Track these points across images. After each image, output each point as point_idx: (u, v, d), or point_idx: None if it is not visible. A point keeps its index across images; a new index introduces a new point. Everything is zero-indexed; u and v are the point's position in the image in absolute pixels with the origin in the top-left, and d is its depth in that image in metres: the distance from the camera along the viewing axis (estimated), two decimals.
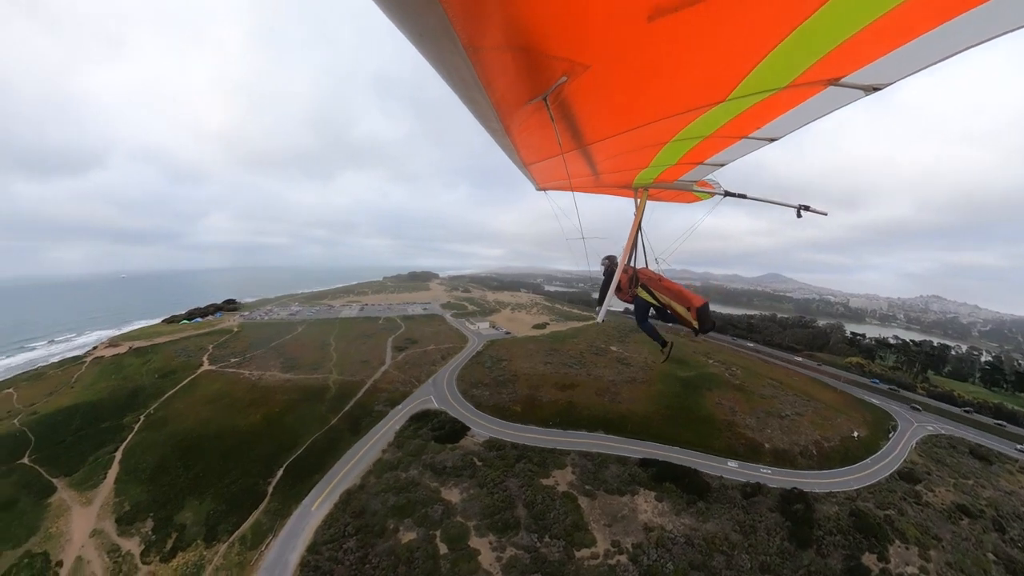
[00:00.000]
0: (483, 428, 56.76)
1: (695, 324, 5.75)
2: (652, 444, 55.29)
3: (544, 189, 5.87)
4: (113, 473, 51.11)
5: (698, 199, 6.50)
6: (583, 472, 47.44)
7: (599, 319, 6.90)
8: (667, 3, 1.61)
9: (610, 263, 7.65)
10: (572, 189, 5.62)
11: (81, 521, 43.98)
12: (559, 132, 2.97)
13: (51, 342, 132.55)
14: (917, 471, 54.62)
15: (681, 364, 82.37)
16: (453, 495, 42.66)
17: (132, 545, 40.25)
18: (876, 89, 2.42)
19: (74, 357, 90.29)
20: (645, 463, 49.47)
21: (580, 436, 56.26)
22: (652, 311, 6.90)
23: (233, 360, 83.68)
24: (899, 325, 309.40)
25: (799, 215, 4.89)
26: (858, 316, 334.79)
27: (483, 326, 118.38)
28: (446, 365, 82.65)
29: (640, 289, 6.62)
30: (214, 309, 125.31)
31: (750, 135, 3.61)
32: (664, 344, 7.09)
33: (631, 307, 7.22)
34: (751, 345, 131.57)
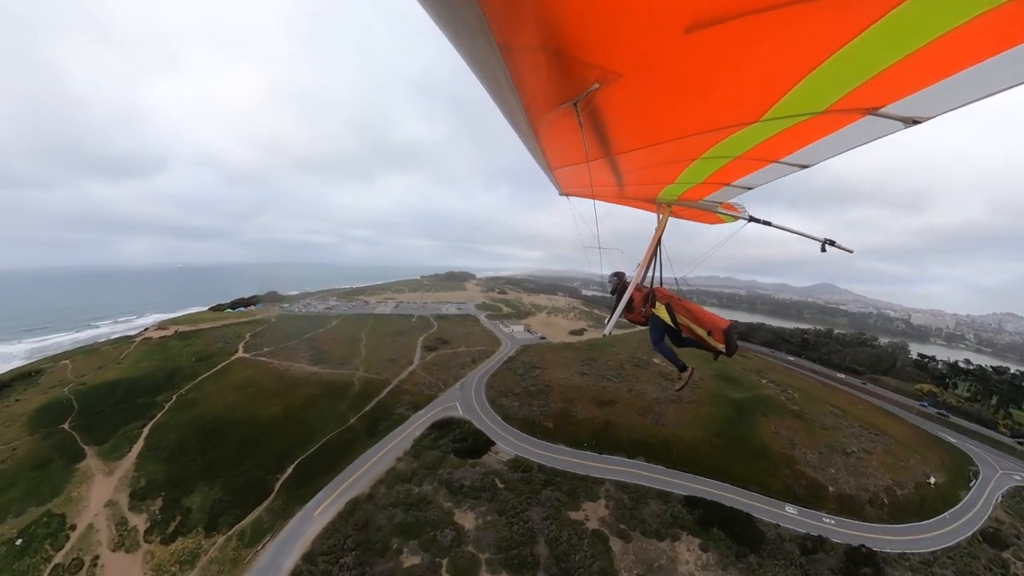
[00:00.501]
0: (509, 444, 52.32)
1: (720, 347, 5.68)
2: (699, 478, 48.81)
3: (567, 195, 5.84)
4: (137, 448, 52.68)
5: (722, 221, 6.34)
6: (618, 507, 41.66)
7: (605, 332, 6.41)
8: (706, 16, 1.61)
9: (619, 280, 7.48)
10: (594, 197, 5.51)
11: (100, 489, 45.67)
12: (586, 139, 2.94)
13: (115, 322, 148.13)
14: (1004, 533, 45.39)
15: (732, 383, 74.49)
16: (467, 519, 38.51)
17: (139, 521, 40.90)
18: (917, 122, 2.35)
19: (126, 336, 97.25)
20: (690, 502, 43.31)
21: (617, 462, 50.32)
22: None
23: (266, 349, 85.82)
24: (968, 347, 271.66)
25: (823, 249, 4.62)
26: (921, 334, 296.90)
27: (517, 329, 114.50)
28: (476, 369, 79.48)
29: (658, 308, 6.50)
30: (256, 299, 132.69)
31: (781, 160, 3.51)
32: (683, 369, 6.85)
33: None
34: (790, 358, 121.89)
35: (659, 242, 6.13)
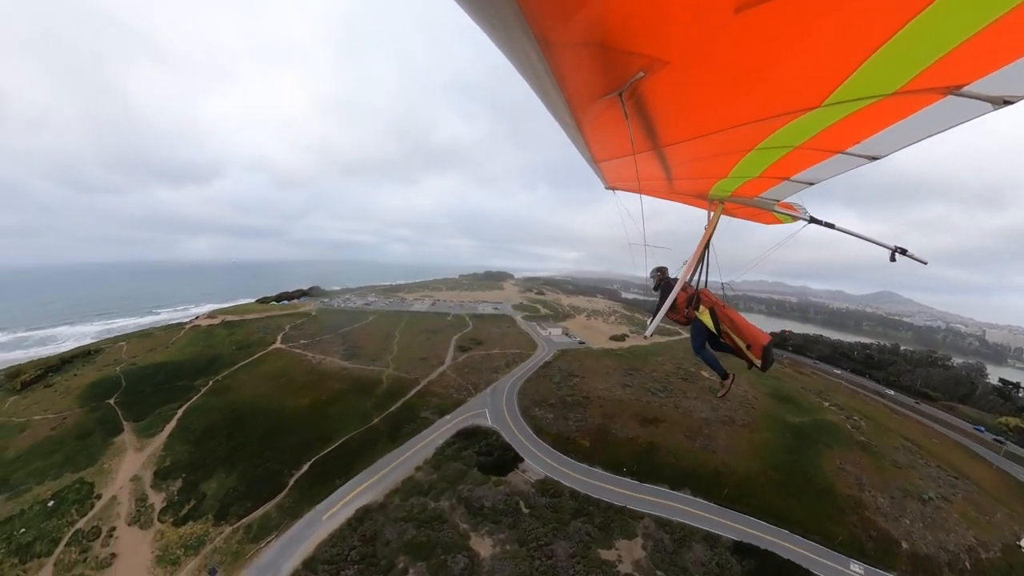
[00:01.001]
0: (539, 462, 47.88)
1: (757, 362, 5.73)
2: (752, 520, 42.25)
3: (613, 188, 5.70)
4: (170, 428, 54.53)
5: (779, 221, 5.89)
6: (657, 549, 36.05)
7: (647, 333, 5.77)
8: None
9: (661, 276, 7.30)
10: (641, 192, 5.36)
11: (129, 464, 47.50)
12: (632, 131, 2.87)
13: (174, 310, 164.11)
14: None
15: (790, 405, 67.96)
16: (484, 546, 34.61)
17: (157, 500, 41.79)
18: (1008, 102, 2.07)
19: (179, 323, 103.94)
20: (741, 549, 37.26)
21: (660, 493, 44.46)
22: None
23: (302, 341, 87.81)
24: None
25: (893, 259, 4.29)
26: (997, 354, 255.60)
27: (555, 332, 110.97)
28: (509, 373, 76.08)
29: (702, 312, 6.30)
30: (300, 293, 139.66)
31: (847, 150, 3.19)
32: (725, 376, 6.67)
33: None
34: (836, 371, 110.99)
35: (709, 242, 5.80)
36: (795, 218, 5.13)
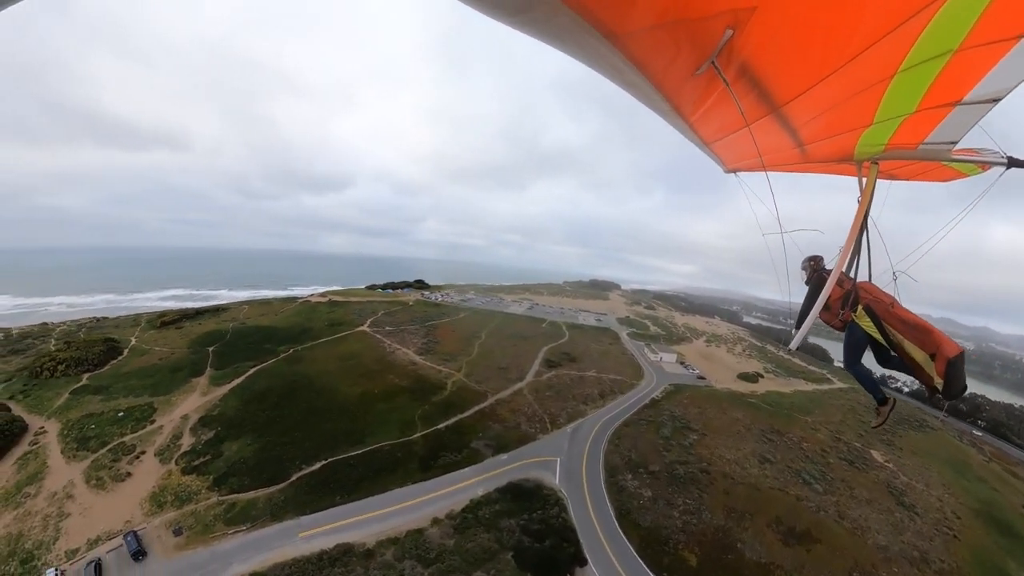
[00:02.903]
0: (610, 573, 32.80)
1: (939, 382, 4.31)
2: None
3: (734, 171, 5.14)
4: (236, 382, 58.31)
5: (959, 175, 4.62)
6: None
7: (792, 346, 5.32)
8: None
9: (813, 267, 6.15)
10: (767, 168, 4.46)
11: (189, 404, 52.07)
12: (739, 98, 2.64)
13: (305, 287, 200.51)
14: None
15: (1010, 539, 45.76)
16: None
17: (186, 442, 44.52)
18: None
19: (294, 297, 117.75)
20: None
21: None
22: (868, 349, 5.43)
23: (387, 328, 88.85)
24: None
25: None
26: None
27: (667, 358, 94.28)
28: (603, 408, 62.43)
29: (859, 314, 5.05)
30: (404, 284, 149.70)
31: None
32: (883, 402, 5.56)
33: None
34: None
35: (866, 216, 4.61)
36: (984, 164, 3.73)
